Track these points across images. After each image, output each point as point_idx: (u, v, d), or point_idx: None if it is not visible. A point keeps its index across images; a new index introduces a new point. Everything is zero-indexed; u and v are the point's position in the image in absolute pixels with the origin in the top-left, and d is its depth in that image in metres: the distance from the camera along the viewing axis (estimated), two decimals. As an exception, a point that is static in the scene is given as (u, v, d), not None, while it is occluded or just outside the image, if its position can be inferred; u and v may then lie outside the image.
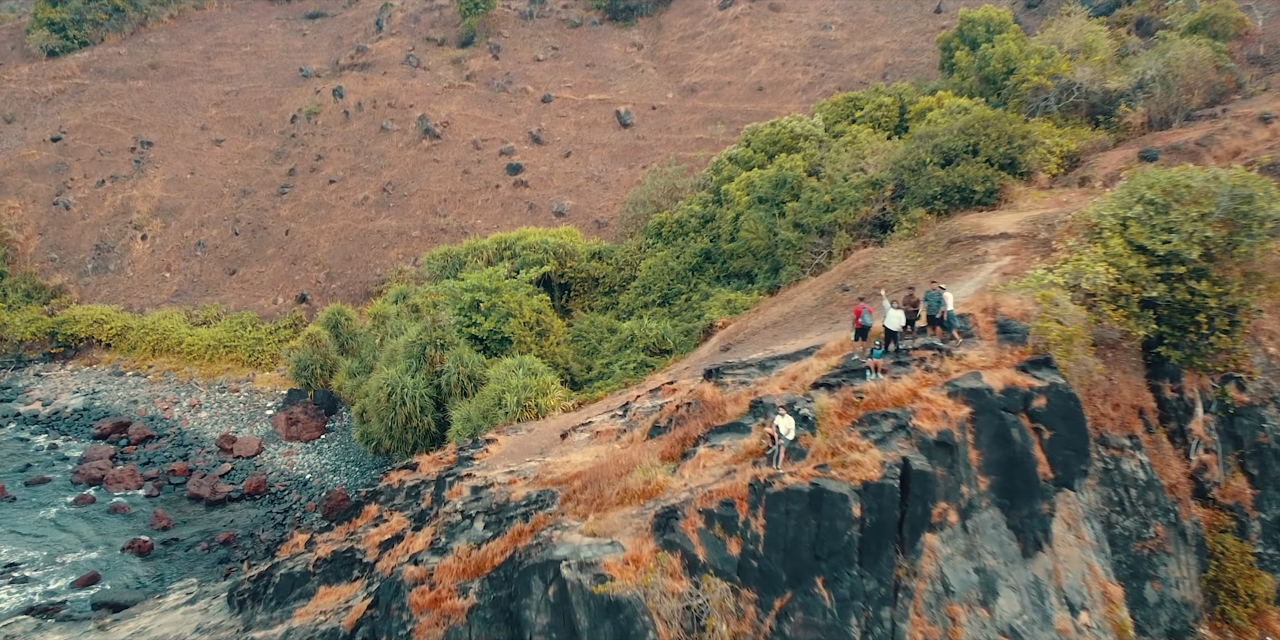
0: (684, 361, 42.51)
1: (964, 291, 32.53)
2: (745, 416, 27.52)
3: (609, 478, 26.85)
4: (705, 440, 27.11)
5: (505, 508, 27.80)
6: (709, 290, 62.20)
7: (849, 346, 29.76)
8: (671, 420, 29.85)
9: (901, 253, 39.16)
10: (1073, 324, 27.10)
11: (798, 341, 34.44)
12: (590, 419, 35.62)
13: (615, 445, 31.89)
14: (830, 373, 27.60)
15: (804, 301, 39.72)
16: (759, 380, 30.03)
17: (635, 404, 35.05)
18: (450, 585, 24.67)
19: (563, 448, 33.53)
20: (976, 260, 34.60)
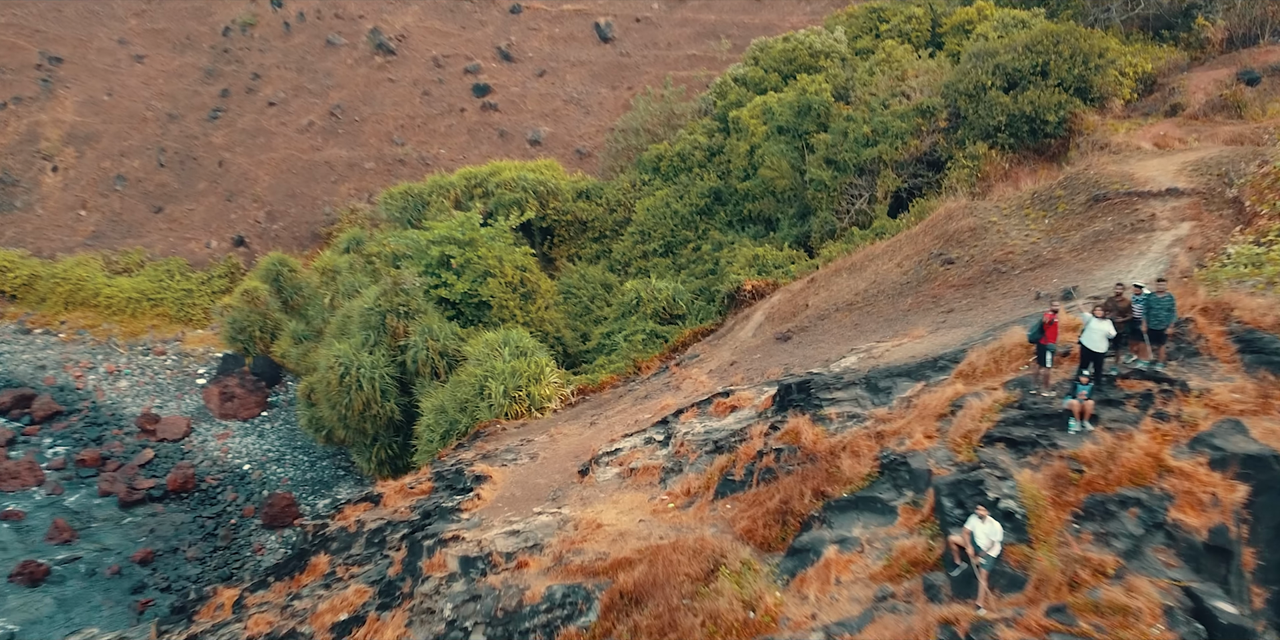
0: (719, 348, 33.10)
1: (1141, 277, 23.25)
2: (878, 482, 18.29)
3: (675, 578, 17.72)
4: (824, 522, 17.92)
5: (517, 616, 18.59)
6: (721, 238, 52.52)
7: (1007, 363, 20.47)
8: (753, 473, 20.54)
9: (1014, 210, 29.63)
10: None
11: (901, 341, 25.08)
12: (617, 444, 26.20)
13: (663, 497, 22.62)
14: (1005, 415, 18.32)
15: (885, 274, 30.22)
16: (876, 413, 20.73)
17: (680, 426, 25.65)
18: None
19: (584, 492, 24.23)
20: (1140, 227, 25.25)
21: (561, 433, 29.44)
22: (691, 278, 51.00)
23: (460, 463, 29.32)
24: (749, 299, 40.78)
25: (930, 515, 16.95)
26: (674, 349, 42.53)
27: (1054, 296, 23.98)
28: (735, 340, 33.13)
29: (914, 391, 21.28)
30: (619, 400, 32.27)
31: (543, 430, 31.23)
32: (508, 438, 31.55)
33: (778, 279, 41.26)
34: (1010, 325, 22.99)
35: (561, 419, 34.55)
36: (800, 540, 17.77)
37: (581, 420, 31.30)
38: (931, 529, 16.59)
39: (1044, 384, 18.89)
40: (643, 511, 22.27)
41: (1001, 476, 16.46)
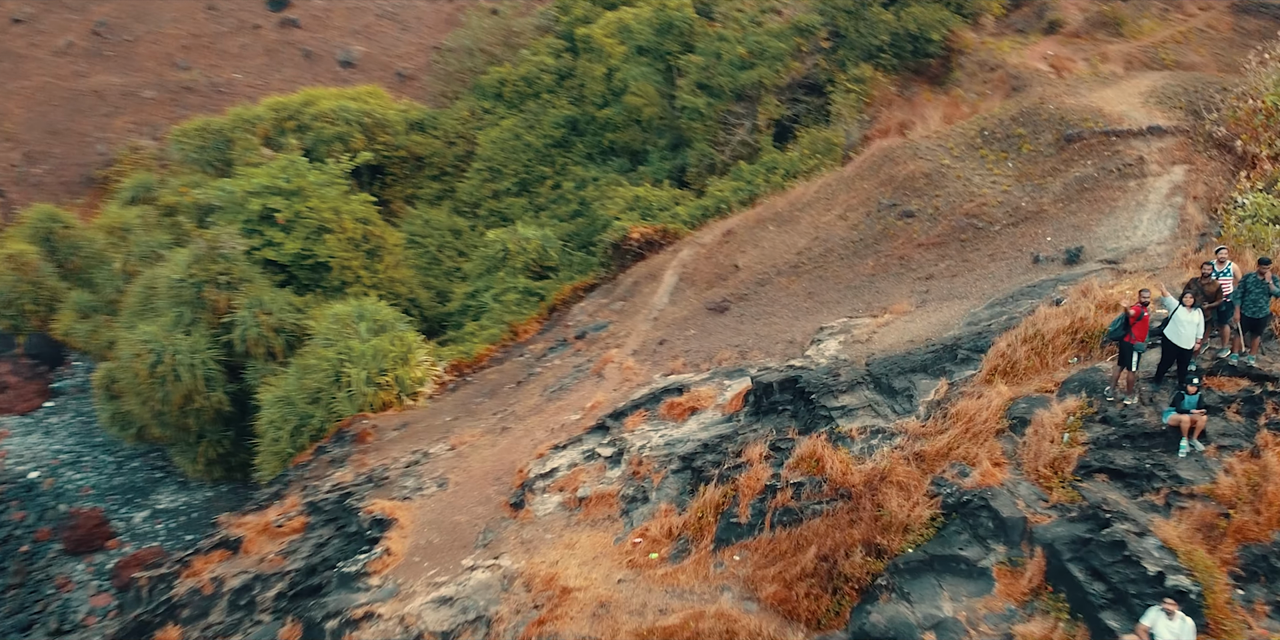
0: (631, 318, 28.29)
1: (1151, 234, 20.24)
2: (950, 532, 14.35)
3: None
4: (894, 591, 13.85)
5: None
6: (584, 173, 47.04)
7: (1052, 355, 16.91)
8: (764, 513, 16.19)
9: (966, 151, 26.07)
10: None
11: (882, 318, 21.21)
12: (549, 461, 21.12)
13: (635, 541, 17.96)
14: (1092, 434, 14.71)
15: (829, 229, 26.14)
16: (905, 426, 16.75)
17: (628, 435, 20.86)
18: None
19: (523, 531, 19.23)
20: (1129, 172, 22.22)
21: (466, 442, 24.00)
22: (555, 220, 45.45)
23: (341, 489, 23.42)
24: (637, 249, 36.04)
25: (1043, 584, 13.18)
26: (552, 308, 37.44)
27: (1058, 259, 20.65)
28: (649, 308, 28.38)
29: (939, 392, 17.42)
30: (522, 390, 27.02)
31: (435, 434, 25.65)
32: (392, 447, 25.77)
33: (667, 225, 36.58)
34: (1020, 299, 19.52)
35: (446, 410, 29.02)
36: (869, 620, 13.64)
37: (481, 418, 25.94)
38: (1054, 605, 12.83)
39: (1126, 390, 15.36)
40: (614, 563, 17.57)
41: (1138, 531, 12.80)
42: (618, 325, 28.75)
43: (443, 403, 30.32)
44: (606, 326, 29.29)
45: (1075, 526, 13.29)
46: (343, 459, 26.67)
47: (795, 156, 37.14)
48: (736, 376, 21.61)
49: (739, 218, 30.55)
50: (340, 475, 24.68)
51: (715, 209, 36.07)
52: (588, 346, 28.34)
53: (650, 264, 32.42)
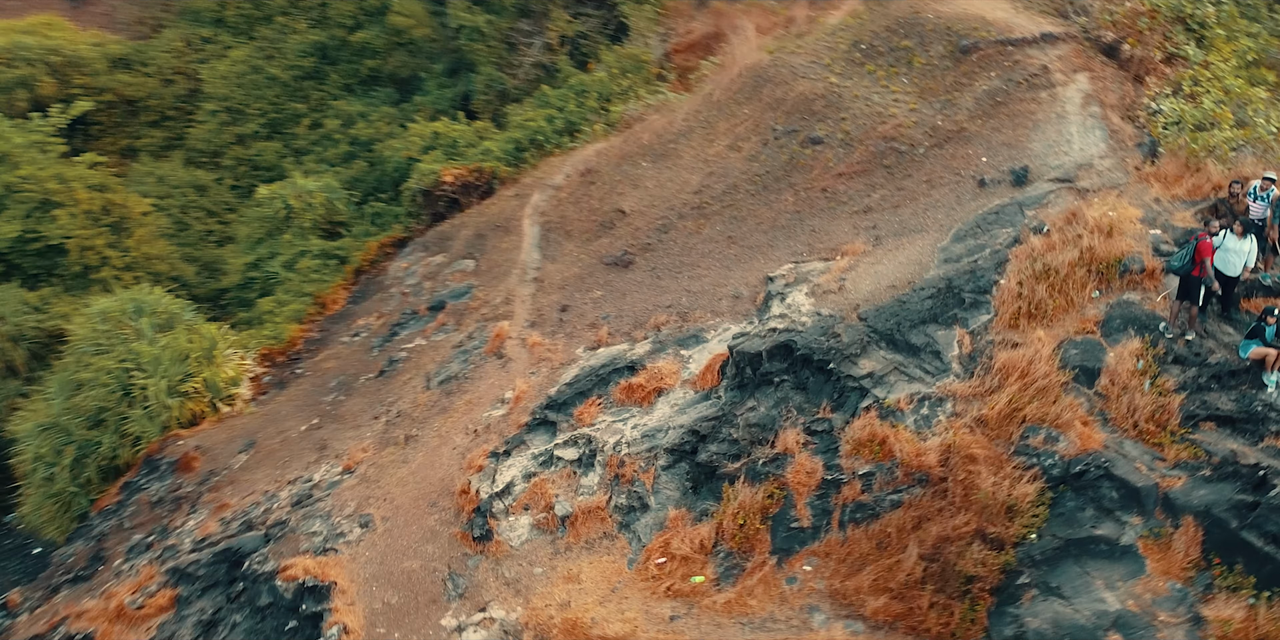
0: (504, 280, 24.53)
1: (1089, 148, 19.71)
2: (1069, 508, 12.92)
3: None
4: (1038, 587, 12.24)
5: None
6: (349, 108, 41.05)
7: (1073, 290, 15.83)
8: (829, 512, 14.01)
9: (848, 67, 24.34)
10: None
11: (836, 260, 19.32)
12: (502, 478, 17.53)
13: (659, 562, 15.21)
14: (1175, 378, 13.76)
15: (722, 163, 23.63)
16: (950, 388, 15.07)
17: (593, 431, 17.70)
18: None
19: (500, 569, 15.87)
20: (1037, 83, 21.52)
21: (362, 459, 19.63)
22: (326, 166, 39.45)
23: (212, 544, 18.42)
24: (451, 195, 31.87)
25: (1201, 558, 12.09)
26: (358, 271, 32.57)
27: (1004, 180, 19.60)
28: (519, 267, 24.71)
29: (965, 345, 15.87)
30: (393, 381, 22.69)
31: (303, 452, 20.96)
32: (249, 475, 20.80)
33: (481, 164, 32.40)
34: (991, 229, 18.38)
35: (286, 414, 24.14)
36: (1027, 625, 11.99)
37: (357, 424, 21.51)
38: (1233, 581, 11.78)
39: (1190, 325, 14.49)
40: (644, 593, 14.79)
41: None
42: (484, 290, 24.86)
43: (275, 405, 25.18)
44: (469, 293, 25.29)
45: (1223, 488, 12.28)
46: (181, 499, 21.29)
47: (604, 77, 33.91)
48: (692, 345, 18.95)
49: (594, 154, 27.21)
50: (200, 524, 19.49)
51: (531, 142, 32.25)
52: (457, 320, 24.31)
53: (489, 212, 28.42)
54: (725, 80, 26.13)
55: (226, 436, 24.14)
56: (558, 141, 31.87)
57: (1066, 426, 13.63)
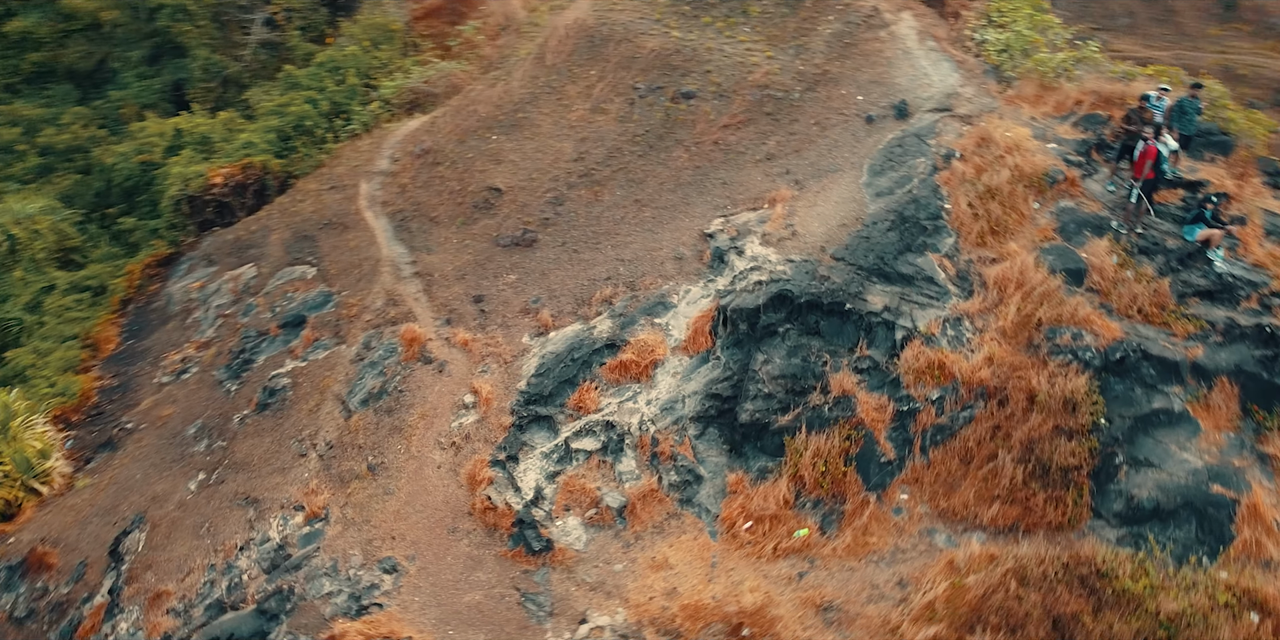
0: (376, 281, 22.29)
1: (948, 79, 21.86)
2: (1118, 390, 14.70)
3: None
4: (1126, 465, 13.89)
5: None
6: (26, 112, 34.80)
7: (1010, 208, 17.73)
8: (910, 441, 14.79)
9: (683, 21, 24.59)
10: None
11: (767, 209, 19.84)
12: (525, 485, 16.23)
13: (747, 529, 15.20)
14: (1149, 267, 16.04)
15: (592, 127, 22.98)
16: (963, 308, 16.30)
17: (609, 415, 16.89)
18: None
19: (577, 574, 14.95)
20: (874, 23, 23.26)
21: (332, 501, 17.15)
22: (14, 184, 33.19)
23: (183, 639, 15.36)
24: (220, 199, 28.54)
25: (1239, 410, 14.35)
26: (125, 301, 28.32)
27: (889, 115, 21.12)
28: (386, 263, 22.50)
29: (948, 268, 17.15)
30: (291, 414, 19.91)
31: (241, 512, 17.95)
32: (165, 554, 17.46)
33: (253, 160, 29.03)
34: (904, 160, 19.87)
35: (140, 477, 20.51)
36: (1134, 495, 13.58)
37: (287, 468, 18.73)
38: (1276, 421, 14.11)
39: (1138, 219, 16.81)
40: (749, 561, 14.73)
41: (1293, 336, 14.53)
42: (351, 296, 22.38)
43: (118, 471, 21.22)
44: (332, 301, 22.65)
45: (1239, 348, 14.56)
46: (64, 605, 17.45)
47: (356, 51, 31.59)
48: (661, 312, 18.60)
49: (418, 133, 25.22)
50: (144, 624, 16.09)
51: (297, 130, 29.31)
52: (333, 332, 21.70)
53: (300, 211, 25.50)
54: (553, 42, 25.19)
55: (74, 519, 19.98)
56: (329, 126, 29.25)
57: (1084, 323, 15.30)
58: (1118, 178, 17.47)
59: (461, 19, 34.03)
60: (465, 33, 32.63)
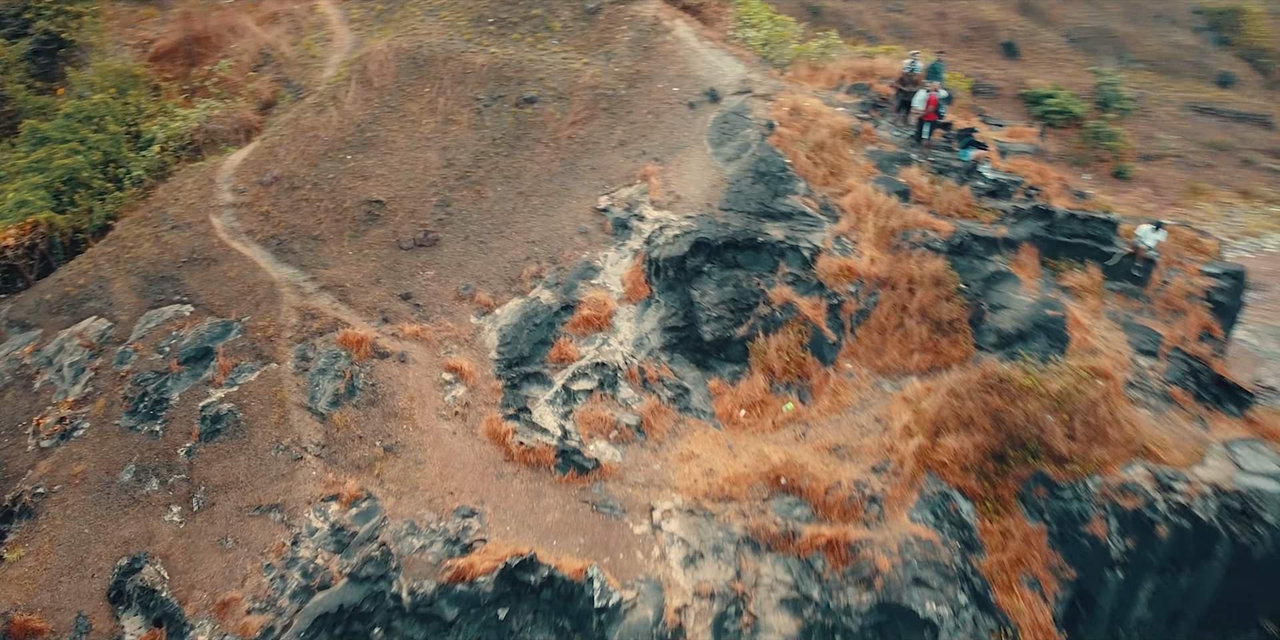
0: (275, 302, 23.21)
1: (736, 68, 27.40)
2: (971, 260, 20.65)
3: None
4: (996, 296, 19.81)
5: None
6: None
7: (833, 156, 23.51)
8: (848, 323, 19.73)
9: (489, 38, 27.85)
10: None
11: (641, 182, 24.00)
12: (547, 425, 18.81)
13: (744, 415, 19.31)
14: (951, 179, 22.42)
15: (451, 138, 25.42)
16: (842, 227, 21.58)
17: (585, 362, 19.91)
18: None
19: (629, 477, 18.13)
20: (660, 29, 28.11)
21: (364, 485, 18.46)
22: None
23: (285, 626, 16.31)
24: (14, 264, 27.65)
25: (1040, 263, 20.86)
26: None
27: (704, 101, 26.06)
28: (283, 285, 23.34)
29: (813, 203, 22.31)
30: (255, 431, 20.58)
31: (263, 520, 18.65)
32: (202, 576, 17.84)
33: (38, 218, 28.06)
34: (733, 133, 24.90)
35: (89, 534, 20.28)
36: (998, 328, 19.51)
37: (273, 474, 19.54)
38: (1068, 265, 20.73)
39: (926, 151, 23.17)
40: (758, 436, 18.83)
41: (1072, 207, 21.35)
42: (258, 319, 23.01)
43: (55, 533, 20.49)
44: (236, 328, 23.10)
45: (1030, 222, 21.04)
46: None
47: (104, 99, 31.37)
48: (592, 275, 21.92)
49: (255, 162, 26.07)
50: (229, 628, 16.58)
51: (72, 183, 28.72)
52: (253, 355, 22.29)
53: (138, 256, 25.24)
54: (374, 67, 27.19)
55: (35, 585, 19.21)
56: (108, 175, 29.05)
57: (924, 224, 21.12)
58: (902, 124, 23.69)
59: (199, 60, 34.37)
60: (221, 71, 33.12)
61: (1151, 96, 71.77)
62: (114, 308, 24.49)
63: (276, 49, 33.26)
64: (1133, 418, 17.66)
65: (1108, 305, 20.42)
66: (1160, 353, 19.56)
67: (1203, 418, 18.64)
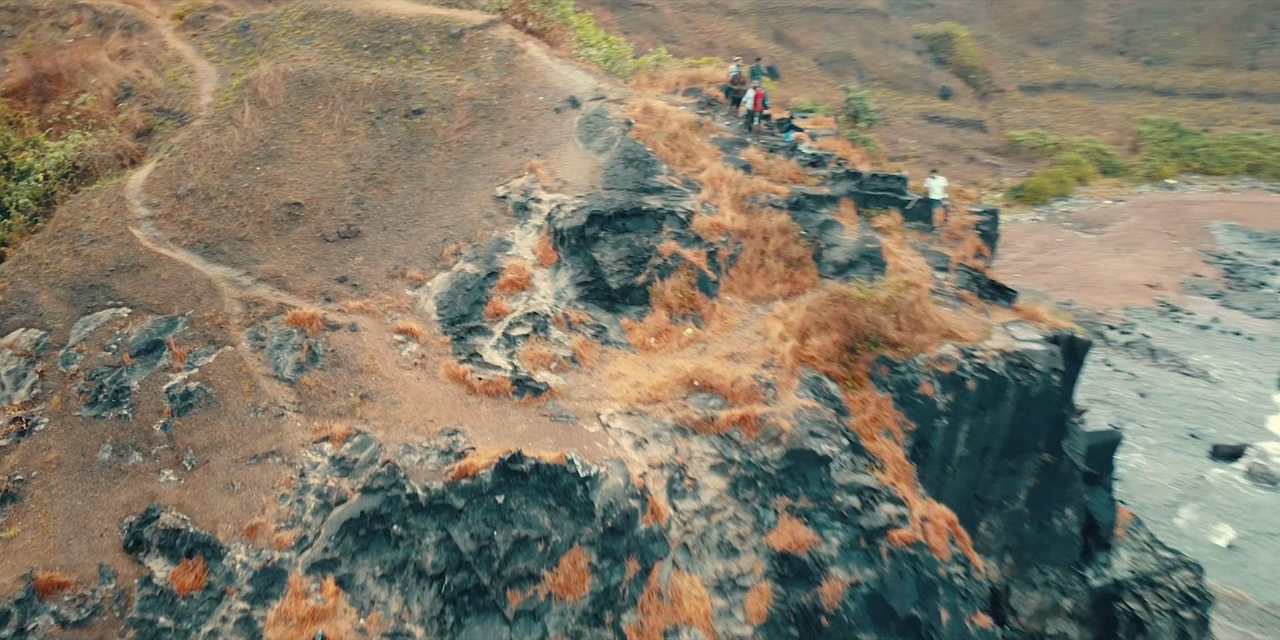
0: (217, 297, 25.97)
1: (588, 80, 32.66)
2: (806, 211, 26.77)
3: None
4: (822, 223, 26.03)
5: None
6: None
7: (686, 148, 29.23)
8: (722, 265, 25.32)
9: (366, 62, 31.64)
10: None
11: (530, 174, 28.71)
12: (495, 362, 22.98)
13: (651, 341, 24.35)
14: (781, 155, 28.61)
15: (354, 147, 28.86)
16: (704, 195, 27.20)
17: (515, 314, 24.25)
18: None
19: (575, 393, 22.78)
20: (515, 49, 32.89)
21: (354, 429, 21.84)
22: None
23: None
24: None
25: (858, 212, 27.29)
26: None
27: (567, 106, 31.08)
28: (220, 280, 26.05)
29: (677, 180, 27.76)
30: (228, 401, 23.43)
31: (264, 456, 21.62)
32: (224, 501, 20.72)
33: None
34: (599, 129, 30.10)
35: (83, 506, 22.62)
36: (833, 258, 25.68)
37: (255, 429, 22.59)
38: (878, 211, 27.27)
39: (756, 134, 29.32)
40: (668, 353, 23.90)
41: (875, 172, 27.92)
42: (202, 312, 25.62)
43: (55, 506, 22.53)
44: (181, 322, 25.62)
45: (844, 184, 27.44)
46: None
47: None
48: (506, 248, 26.23)
49: (162, 180, 28.53)
50: (268, 545, 19.57)
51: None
52: (206, 341, 24.94)
53: (62, 268, 27.28)
54: (265, 90, 30.26)
55: (44, 551, 21.27)
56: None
57: (767, 190, 27.05)
58: (734, 115, 29.66)
59: (52, 97, 35.99)
60: (84, 105, 34.95)
61: (891, 108, 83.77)
62: (44, 318, 26.26)
63: (138, 82, 35.25)
64: (939, 313, 24.10)
65: (909, 238, 27.07)
66: (950, 268, 26.36)
67: (985, 310, 25.46)
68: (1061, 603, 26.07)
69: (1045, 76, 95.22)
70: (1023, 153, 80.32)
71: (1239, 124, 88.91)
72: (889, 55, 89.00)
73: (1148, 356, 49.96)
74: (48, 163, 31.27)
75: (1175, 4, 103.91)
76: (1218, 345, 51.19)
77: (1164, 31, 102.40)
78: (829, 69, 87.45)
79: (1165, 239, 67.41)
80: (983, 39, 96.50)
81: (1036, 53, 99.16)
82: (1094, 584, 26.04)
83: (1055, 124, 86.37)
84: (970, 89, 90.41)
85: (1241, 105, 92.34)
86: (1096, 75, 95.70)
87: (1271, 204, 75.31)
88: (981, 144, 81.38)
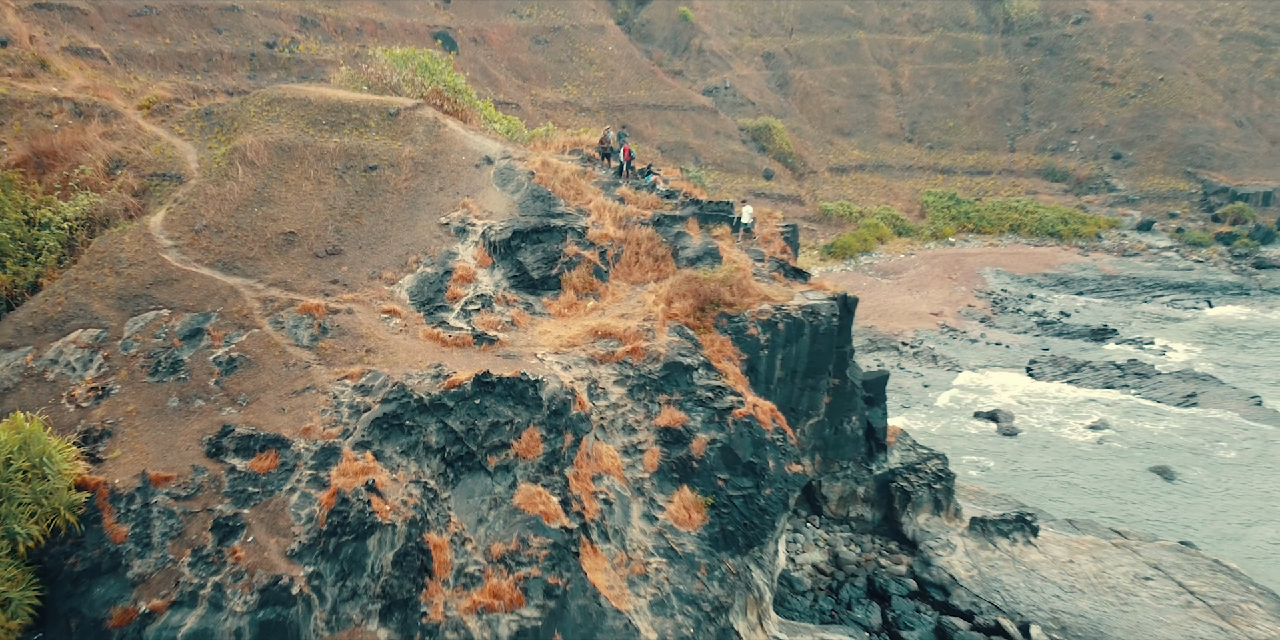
0: (250, 300, 35.23)
1: (498, 145, 44.07)
2: (688, 214, 38.62)
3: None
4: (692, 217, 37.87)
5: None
6: None
7: (576, 191, 40.82)
8: (608, 253, 36.77)
9: (325, 135, 42.12)
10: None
11: (467, 209, 39.56)
12: (456, 326, 33.32)
13: (564, 314, 35.27)
14: (648, 195, 40.60)
15: (326, 191, 39.08)
16: (592, 218, 38.72)
17: (475, 297, 34.71)
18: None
19: (518, 343, 33.37)
20: (441, 123, 44.19)
21: (364, 368, 31.43)
22: None
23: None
24: None
25: (699, 227, 39.35)
26: None
27: (484, 162, 42.30)
28: (243, 287, 35.45)
29: (573, 209, 39.19)
30: (266, 361, 32.70)
31: (303, 388, 30.93)
32: (291, 422, 29.86)
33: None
34: (509, 177, 41.39)
35: (166, 433, 31.35)
36: (688, 248, 37.50)
37: (288, 373, 31.90)
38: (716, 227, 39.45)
39: (626, 180, 41.33)
40: (582, 319, 34.84)
41: (715, 201, 40.18)
42: (231, 307, 34.84)
43: (144, 437, 30.97)
44: (213, 315, 34.63)
45: (692, 208, 39.48)
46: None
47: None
48: (453, 257, 36.73)
49: (180, 219, 37.79)
50: (319, 435, 28.87)
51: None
52: (235, 327, 34.05)
53: (104, 289, 35.99)
54: (250, 154, 40.08)
55: (145, 460, 29.69)
56: (25, 248, 39.27)
57: (636, 214, 38.77)
58: (609, 167, 41.49)
59: (50, 169, 44.76)
60: (83, 173, 43.84)
61: (724, 186, 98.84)
62: (100, 320, 34.82)
63: (127, 155, 44.28)
64: (759, 286, 36.00)
65: (736, 242, 39.21)
66: (765, 259, 38.50)
67: (789, 285, 37.59)
68: (857, 490, 37.54)
69: (849, 160, 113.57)
70: (833, 219, 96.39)
71: (1003, 194, 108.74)
72: (719, 144, 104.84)
73: (930, 361, 64.01)
74: (66, 214, 39.84)
75: (949, 100, 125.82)
76: (984, 352, 65.73)
77: (941, 122, 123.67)
78: (669, 155, 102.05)
79: (947, 281, 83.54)
80: (796, 130, 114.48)
81: (841, 141, 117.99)
82: (876, 473, 37.66)
83: (858, 197, 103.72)
84: (788, 170, 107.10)
85: (1005, 179, 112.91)
86: (890, 158, 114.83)
87: (1028, 254, 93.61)
88: (800, 214, 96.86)
